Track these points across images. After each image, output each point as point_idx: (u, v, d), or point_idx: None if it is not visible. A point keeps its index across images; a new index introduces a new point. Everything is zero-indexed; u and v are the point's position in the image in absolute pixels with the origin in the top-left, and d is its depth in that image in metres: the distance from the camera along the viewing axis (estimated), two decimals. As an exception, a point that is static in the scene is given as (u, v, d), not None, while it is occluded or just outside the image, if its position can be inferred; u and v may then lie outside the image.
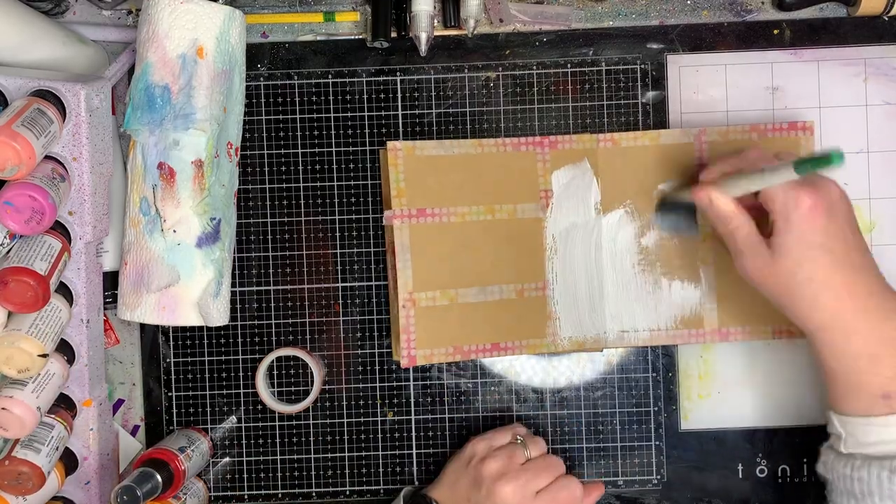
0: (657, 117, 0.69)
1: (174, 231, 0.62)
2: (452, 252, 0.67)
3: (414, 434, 0.70)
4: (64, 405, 0.63)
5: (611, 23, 0.69)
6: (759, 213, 0.57)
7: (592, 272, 0.68)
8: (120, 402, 0.70)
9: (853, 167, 0.68)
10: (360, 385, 0.70)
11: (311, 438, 0.70)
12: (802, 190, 0.54)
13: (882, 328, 0.54)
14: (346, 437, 0.70)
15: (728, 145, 0.66)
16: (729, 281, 0.67)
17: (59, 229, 0.61)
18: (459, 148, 0.67)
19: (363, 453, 0.70)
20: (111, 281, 0.67)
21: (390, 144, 0.67)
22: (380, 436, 0.70)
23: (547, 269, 0.68)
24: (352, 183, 0.70)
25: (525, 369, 0.70)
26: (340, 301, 0.70)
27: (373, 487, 0.70)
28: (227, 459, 0.70)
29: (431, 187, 0.67)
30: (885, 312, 0.54)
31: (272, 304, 0.70)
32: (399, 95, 0.69)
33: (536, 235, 0.68)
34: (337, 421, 0.70)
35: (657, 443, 0.69)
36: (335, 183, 0.70)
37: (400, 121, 0.69)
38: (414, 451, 0.70)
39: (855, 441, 0.56)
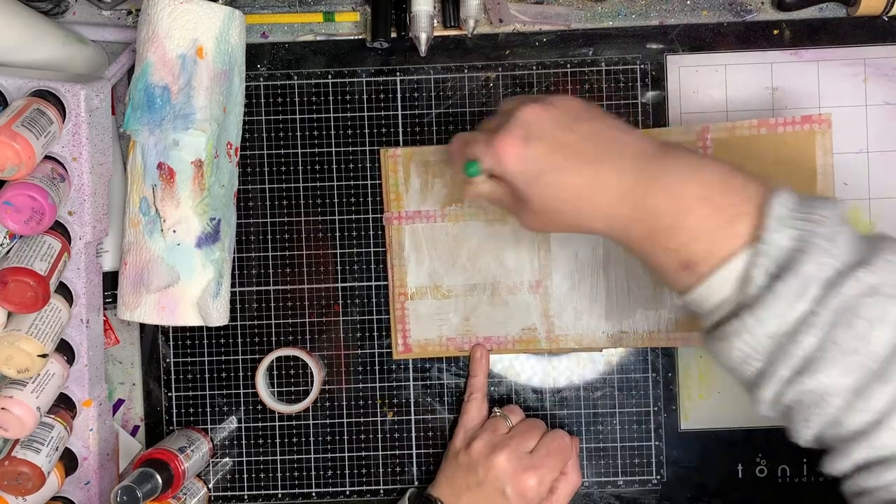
0: (657, 117, 0.69)
1: (174, 231, 0.62)
2: (450, 251, 0.68)
3: (414, 434, 0.70)
4: (64, 405, 0.63)
5: (611, 23, 0.69)
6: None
7: (592, 272, 0.68)
8: (120, 402, 0.70)
9: (853, 167, 0.68)
10: (360, 385, 0.70)
11: (311, 438, 0.70)
12: (496, 139, 0.52)
13: (645, 203, 0.48)
14: (346, 437, 0.70)
15: (735, 142, 0.66)
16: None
17: (59, 229, 0.61)
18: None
19: (363, 453, 0.70)
20: (111, 281, 0.67)
21: (390, 151, 0.68)
22: (380, 436, 0.70)
23: (546, 268, 0.68)
24: (352, 183, 0.70)
25: (525, 369, 0.70)
26: (340, 301, 0.70)
27: (373, 487, 0.70)
28: (227, 459, 0.70)
29: (429, 191, 0.68)
30: (644, 183, 0.49)
31: (272, 304, 0.70)
32: (399, 95, 0.69)
33: (535, 235, 0.68)
34: (337, 421, 0.70)
35: (657, 443, 0.69)
36: (335, 183, 0.70)
37: (400, 121, 0.69)
38: (414, 451, 0.70)
39: (704, 316, 0.50)
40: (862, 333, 0.44)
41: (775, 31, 0.69)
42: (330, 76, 0.69)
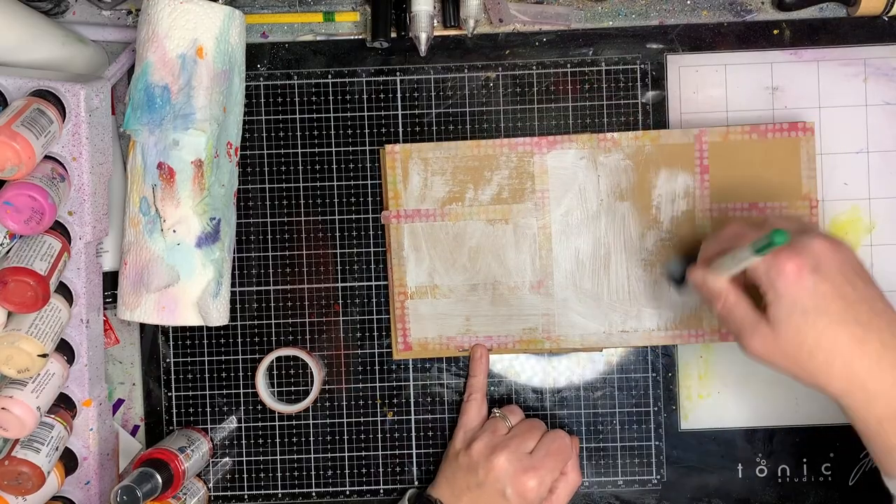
0: (657, 117, 0.69)
1: (174, 231, 0.62)
2: (450, 251, 0.68)
3: (414, 434, 0.70)
4: (64, 405, 0.63)
5: (611, 23, 0.69)
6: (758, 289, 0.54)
7: (592, 272, 0.68)
8: (120, 402, 0.70)
9: (853, 167, 0.68)
10: (360, 385, 0.70)
11: (311, 438, 0.70)
12: (783, 254, 0.51)
13: None
14: (345, 437, 0.70)
15: (728, 146, 0.66)
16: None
17: (59, 229, 0.61)
18: (457, 150, 0.67)
19: (363, 453, 0.70)
20: (111, 281, 0.67)
21: (388, 148, 0.68)
22: (380, 436, 0.70)
23: (547, 268, 0.68)
24: (352, 183, 0.70)
25: (525, 369, 0.70)
26: (340, 301, 0.70)
27: (373, 487, 0.70)
28: (227, 459, 0.70)
29: (429, 189, 0.68)
30: None
31: (272, 304, 0.70)
32: (399, 95, 0.69)
33: (535, 235, 0.68)
34: (337, 421, 0.70)
35: (657, 443, 0.69)
36: (335, 183, 0.70)
37: (400, 121, 0.69)
38: (414, 451, 0.70)
39: None
40: None
41: (775, 31, 0.69)
42: (330, 76, 0.69)
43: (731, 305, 0.54)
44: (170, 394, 0.70)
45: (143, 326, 0.70)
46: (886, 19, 0.68)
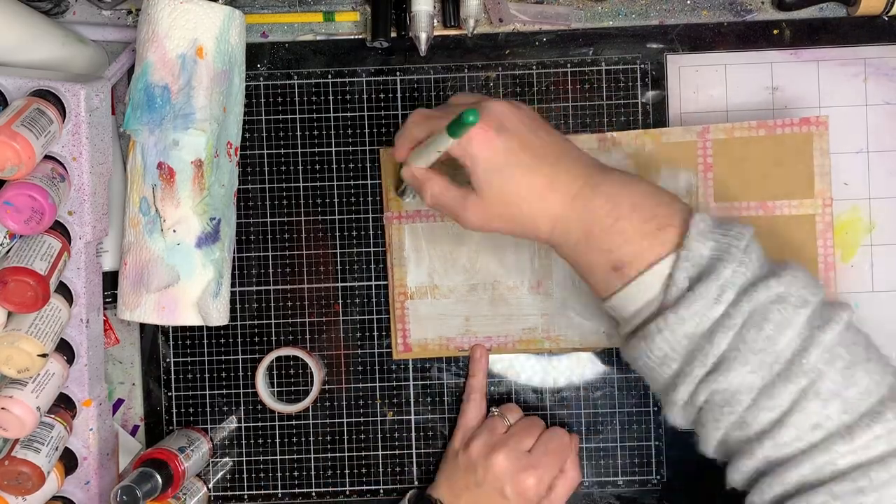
0: (657, 117, 0.69)
1: (174, 231, 0.62)
2: (450, 251, 0.68)
3: (414, 434, 0.70)
4: (64, 405, 0.63)
5: (611, 23, 0.69)
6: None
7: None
8: (120, 402, 0.70)
9: (853, 167, 0.68)
10: (360, 385, 0.70)
11: (311, 438, 0.70)
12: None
13: (590, 206, 0.52)
14: (345, 437, 0.70)
15: (734, 143, 0.66)
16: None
17: (59, 229, 0.61)
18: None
19: (363, 453, 0.70)
20: (111, 281, 0.67)
21: (389, 150, 0.68)
22: (379, 436, 0.70)
23: (546, 268, 0.68)
24: (352, 183, 0.70)
25: (525, 369, 0.70)
26: (340, 301, 0.70)
27: (373, 487, 0.70)
28: (227, 459, 0.70)
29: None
30: (590, 189, 0.53)
31: (272, 304, 0.70)
32: (399, 95, 0.69)
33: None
34: (337, 421, 0.70)
35: (657, 443, 0.69)
36: (335, 183, 0.70)
37: (400, 121, 0.69)
38: (414, 451, 0.70)
39: (624, 322, 0.55)
40: (770, 335, 0.48)
41: (775, 31, 0.69)
42: (330, 76, 0.69)
43: (438, 190, 0.56)
44: (170, 394, 0.70)
45: (143, 326, 0.70)
46: (886, 19, 0.68)
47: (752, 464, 0.50)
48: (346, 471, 0.70)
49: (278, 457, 0.70)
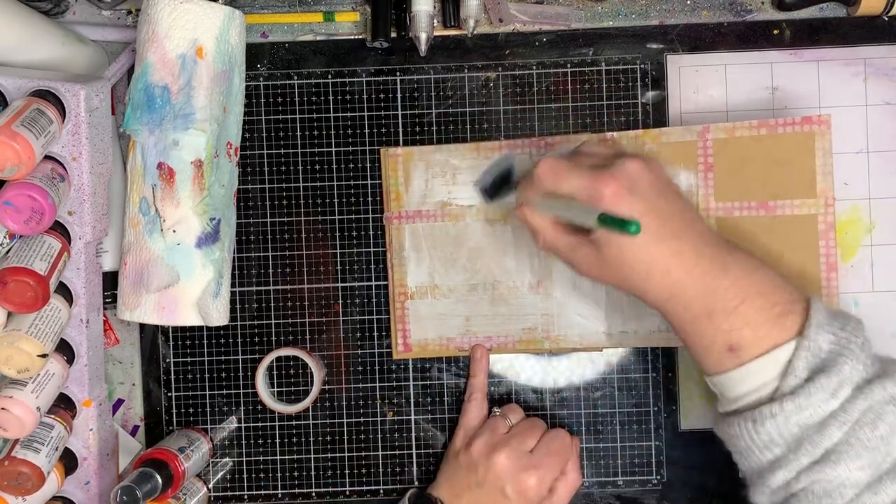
0: (657, 117, 0.69)
1: (174, 231, 0.62)
2: (450, 251, 0.68)
3: (414, 434, 0.70)
4: (64, 405, 0.63)
5: (611, 23, 0.69)
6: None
7: (592, 272, 0.68)
8: (120, 402, 0.70)
9: (853, 167, 0.68)
10: (360, 385, 0.70)
11: (311, 438, 0.70)
12: (601, 179, 0.53)
13: (714, 285, 0.53)
14: (345, 437, 0.70)
15: (734, 142, 0.66)
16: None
17: (59, 229, 0.61)
18: (457, 152, 0.68)
19: (363, 453, 0.70)
20: (111, 281, 0.67)
21: (390, 151, 0.68)
22: (379, 436, 0.70)
23: (546, 268, 0.68)
24: (352, 183, 0.70)
25: (525, 369, 0.70)
26: (340, 301, 0.70)
27: (373, 487, 0.70)
28: (227, 459, 0.70)
29: (430, 190, 0.68)
30: (717, 269, 0.54)
31: (272, 304, 0.70)
32: (399, 95, 0.69)
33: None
34: (337, 421, 0.70)
35: (657, 443, 0.69)
36: (335, 183, 0.70)
37: (400, 121, 0.69)
38: (414, 451, 0.70)
39: (726, 400, 0.56)
40: (883, 435, 0.50)
41: (775, 31, 0.69)
42: (330, 76, 0.69)
43: (551, 239, 0.58)
44: (170, 394, 0.70)
45: (142, 326, 0.70)
46: (886, 19, 0.68)
47: None
48: (346, 471, 0.70)
49: (278, 457, 0.70)
